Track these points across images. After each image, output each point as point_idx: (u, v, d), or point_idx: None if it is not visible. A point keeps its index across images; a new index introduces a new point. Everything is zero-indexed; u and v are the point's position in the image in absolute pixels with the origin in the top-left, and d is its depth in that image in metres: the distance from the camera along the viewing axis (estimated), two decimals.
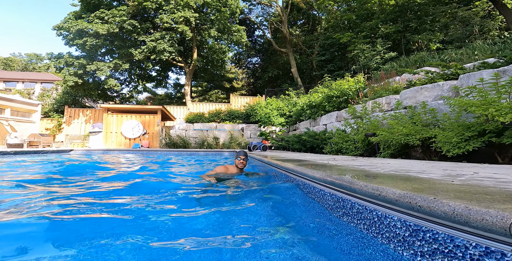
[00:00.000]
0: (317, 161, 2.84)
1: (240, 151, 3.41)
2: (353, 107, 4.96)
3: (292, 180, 2.28)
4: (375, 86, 6.83)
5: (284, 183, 2.49)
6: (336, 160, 3.00)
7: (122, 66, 17.05)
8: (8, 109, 12.60)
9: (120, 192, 2.60)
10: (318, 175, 1.65)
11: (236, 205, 2.06)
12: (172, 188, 2.72)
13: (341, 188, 1.41)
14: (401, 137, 3.01)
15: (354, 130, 4.72)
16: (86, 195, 2.41)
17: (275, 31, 25.34)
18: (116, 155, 8.24)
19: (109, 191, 2.69)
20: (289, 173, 2.37)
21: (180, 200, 2.25)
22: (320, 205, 1.71)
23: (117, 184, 3.00)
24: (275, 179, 3.03)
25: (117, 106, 13.04)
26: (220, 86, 30.44)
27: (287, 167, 2.39)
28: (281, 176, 2.81)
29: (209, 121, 13.64)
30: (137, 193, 2.46)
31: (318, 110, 8.95)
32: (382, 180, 1.24)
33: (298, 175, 2.09)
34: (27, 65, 44.17)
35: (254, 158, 4.89)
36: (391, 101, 4.75)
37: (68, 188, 2.83)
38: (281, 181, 2.69)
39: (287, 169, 2.42)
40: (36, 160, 5.95)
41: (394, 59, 11.90)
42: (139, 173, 4.06)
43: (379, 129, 3.81)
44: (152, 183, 3.13)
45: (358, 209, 1.25)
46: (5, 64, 44.09)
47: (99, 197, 2.31)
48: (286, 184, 2.38)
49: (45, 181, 3.35)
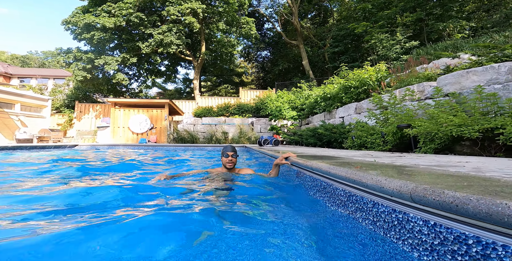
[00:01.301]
0: (352, 158, 2.15)
1: (227, 146, 2.65)
2: (378, 96, 4.34)
3: (328, 188, 1.52)
4: (400, 75, 6.13)
5: (314, 191, 1.81)
6: (375, 157, 2.34)
7: (130, 60, 16.82)
8: (18, 104, 12.59)
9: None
10: (408, 188, 0.87)
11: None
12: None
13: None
14: (452, 129, 2.41)
15: (381, 121, 4.11)
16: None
17: (285, 23, 24.49)
18: (117, 150, 7.92)
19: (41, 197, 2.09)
20: (325, 178, 1.58)
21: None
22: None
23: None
24: (294, 182, 2.33)
25: (124, 100, 12.80)
26: (230, 80, 29.97)
27: (320, 168, 1.61)
28: (304, 179, 2.05)
29: (217, 115, 13.20)
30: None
31: (333, 102, 8.31)
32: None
33: (345, 183, 1.30)
34: (43, 62, 45.25)
35: (265, 154, 4.36)
36: (425, 89, 4.10)
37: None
38: (307, 188, 1.97)
39: (320, 172, 1.65)
40: (31, 155, 5.66)
41: (415, 49, 10.98)
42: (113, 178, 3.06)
43: (414, 120, 3.20)
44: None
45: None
46: (22, 61, 45.38)
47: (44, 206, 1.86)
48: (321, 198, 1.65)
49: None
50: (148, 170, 3.57)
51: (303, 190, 2.05)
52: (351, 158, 2.17)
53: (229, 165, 2.61)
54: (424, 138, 2.75)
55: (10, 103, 12.20)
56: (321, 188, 1.69)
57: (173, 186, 2.23)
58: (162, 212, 1.49)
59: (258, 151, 5.25)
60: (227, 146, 2.68)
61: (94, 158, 5.57)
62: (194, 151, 7.67)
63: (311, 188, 1.90)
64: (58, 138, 13.56)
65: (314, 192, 1.82)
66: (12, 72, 26.31)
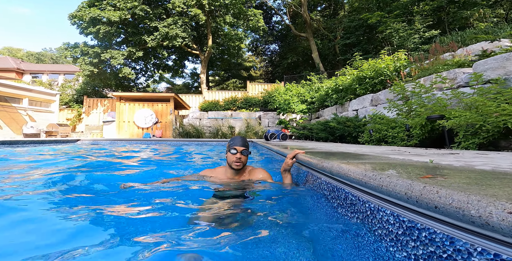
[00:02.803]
0: (385, 157, 1.59)
1: (236, 138, 1.97)
2: (401, 85, 3.82)
3: (364, 209, 0.92)
4: (423, 63, 5.55)
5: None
6: (413, 154, 1.82)
7: (136, 54, 16.62)
8: (26, 99, 12.60)
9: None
10: None
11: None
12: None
13: None
14: (506, 119, 1.92)
15: (404, 113, 3.62)
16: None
17: (294, 16, 23.68)
18: (117, 145, 7.69)
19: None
20: (358, 190, 1.01)
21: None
22: None
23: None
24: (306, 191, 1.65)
25: (130, 94, 12.60)
26: (238, 75, 29.52)
27: (347, 174, 1.05)
28: (319, 188, 1.43)
29: (224, 109, 12.84)
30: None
31: (346, 94, 7.77)
32: None
33: (410, 207, 0.71)
34: (57, 58, 46.14)
35: (270, 150, 3.92)
36: (457, 76, 3.56)
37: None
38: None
39: (347, 179, 1.06)
40: (22, 150, 5.45)
41: (439, 36, 10.20)
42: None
43: (449, 110, 2.71)
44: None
45: None
46: (37, 58, 46.50)
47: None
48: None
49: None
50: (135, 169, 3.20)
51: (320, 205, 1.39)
52: (381, 156, 1.62)
53: (236, 165, 1.89)
54: (464, 131, 2.27)
55: (18, 97, 12.21)
56: (350, 205, 1.05)
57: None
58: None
59: (263, 146, 4.82)
60: (235, 138, 1.96)
61: (90, 154, 5.32)
62: (197, 147, 7.35)
63: (330, 202, 1.27)
64: (66, 133, 13.56)
65: (335, 209, 1.19)
66: (24, 68, 26.73)
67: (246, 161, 1.98)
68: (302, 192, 1.69)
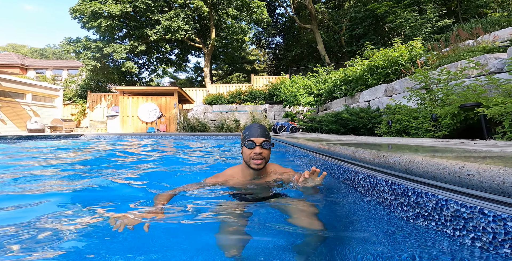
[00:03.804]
0: (454, 148, 1.28)
1: (252, 127, 1.50)
2: (425, 72, 3.53)
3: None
4: (442, 51, 5.24)
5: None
6: (476, 144, 1.48)
7: (139, 47, 16.38)
8: (29, 94, 12.51)
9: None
10: None
11: None
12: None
13: None
14: None
15: (430, 102, 3.35)
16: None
17: (298, 8, 23.06)
18: (120, 140, 7.54)
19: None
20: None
21: None
22: None
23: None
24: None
25: (133, 88, 12.42)
26: (241, 68, 29.14)
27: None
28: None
29: (229, 102, 12.60)
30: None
31: (356, 85, 7.47)
32: None
33: None
34: (59, 54, 46.15)
35: (286, 143, 3.64)
36: (488, 62, 3.29)
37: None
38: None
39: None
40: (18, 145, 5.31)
41: (457, 24, 9.75)
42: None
43: (487, 98, 2.45)
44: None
45: None
46: (41, 54, 46.56)
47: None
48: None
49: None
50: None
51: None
52: (455, 148, 1.26)
53: (256, 163, 1.40)
54: (510, 121, 2.02)
55: (21, 93, 12.13)
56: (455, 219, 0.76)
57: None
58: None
59: (276, 139, 4.57)
60: (251, 127, 1.49)
61: (92, 149, 5.16)
62: (201, 141, 7.16)
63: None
64: (70, 128, 13.50)
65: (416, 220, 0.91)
66: (28, 63, 26.71)
67: (269, 157, 1.48)
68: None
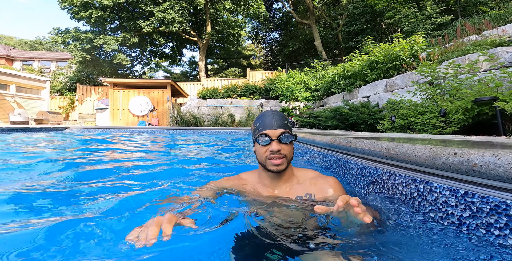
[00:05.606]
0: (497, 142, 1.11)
1: (265, 116, 1.10)
2: (433, 65, 3.31)
3: None
4: (446, 46, 5.05)
5: None
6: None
7: (131, 40, 15.82)
8: (13, 85, 11.92)
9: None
10: None
11: None
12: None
13: None
14: None
15: (438, 96, 3.13)
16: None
17: (296, 3, 22.72)
18: (108, 133, 7.18)
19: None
20: None
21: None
22: None
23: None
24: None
25: (124, 81, 11.97)
26: (237, 63, 28.70)
27: None
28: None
29: (224, 96, 12.27)
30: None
31: (355, 81, 7.26)
32: None
33: None
34: (47, 45, 44.64)
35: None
36: (499, 55, 3.09)
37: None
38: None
39: None
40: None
41: (459, 19, 9.60)
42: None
43: (498, 92, 2.24)
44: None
45: None
46: (31, 46, 44.92)
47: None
48: None
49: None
50: None
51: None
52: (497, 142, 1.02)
53: (275, 163, 1.04)
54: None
55: (4, 84, 11.54)
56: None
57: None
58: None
59: None
60: (264, 116, 1.10)
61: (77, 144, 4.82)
62: (198, 135, 6.87)
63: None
64: (57, 121, 12.96)
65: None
66: (14, 55, 25.70)
67: (292, 154, 1.09)
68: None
